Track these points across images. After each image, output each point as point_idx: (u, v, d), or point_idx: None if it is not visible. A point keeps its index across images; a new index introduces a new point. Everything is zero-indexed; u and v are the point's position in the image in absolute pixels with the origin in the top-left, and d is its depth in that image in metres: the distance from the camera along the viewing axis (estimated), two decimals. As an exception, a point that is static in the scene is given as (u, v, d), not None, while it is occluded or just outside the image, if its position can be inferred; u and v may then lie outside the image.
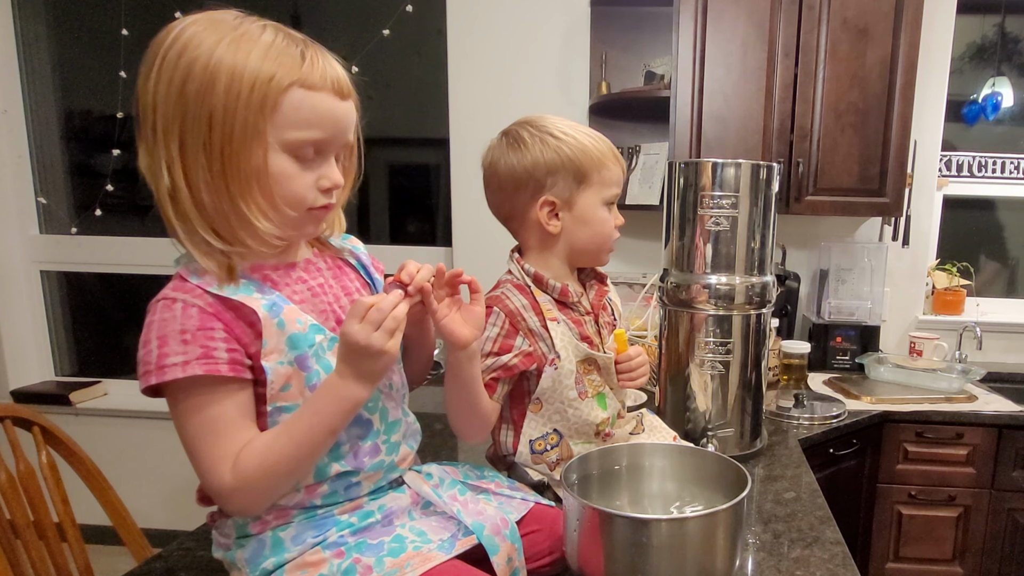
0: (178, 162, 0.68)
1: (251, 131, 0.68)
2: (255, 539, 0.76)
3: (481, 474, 0.94)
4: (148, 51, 0.69)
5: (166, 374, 0.67)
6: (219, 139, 0.67)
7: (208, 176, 0.68)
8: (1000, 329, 2.47)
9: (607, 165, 0.97)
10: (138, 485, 2.27)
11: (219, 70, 0.66)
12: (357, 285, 0.85)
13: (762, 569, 0.99)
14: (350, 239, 0.90)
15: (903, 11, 1.97)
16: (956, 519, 1.95)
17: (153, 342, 0.68)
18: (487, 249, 1.13)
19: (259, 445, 0.70)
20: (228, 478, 0.69)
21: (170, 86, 0.67)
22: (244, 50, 0.68)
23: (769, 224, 1.34)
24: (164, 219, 0.71)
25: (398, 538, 0.76)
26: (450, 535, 0.79)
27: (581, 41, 2.37)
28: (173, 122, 0.67)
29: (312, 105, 0.70)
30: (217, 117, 0.67)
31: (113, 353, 2.89)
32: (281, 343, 0.72)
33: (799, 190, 2.07)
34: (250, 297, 0.71)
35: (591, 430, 1.02)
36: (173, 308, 0.69)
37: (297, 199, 0.72)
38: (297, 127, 0.70)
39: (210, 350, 0.68)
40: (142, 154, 0.70)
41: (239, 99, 0.67)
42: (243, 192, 0.69)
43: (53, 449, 1.23)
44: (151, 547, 1.23)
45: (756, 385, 1.41)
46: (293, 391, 0.73)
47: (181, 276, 0.72)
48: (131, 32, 2.49)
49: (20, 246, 2.72)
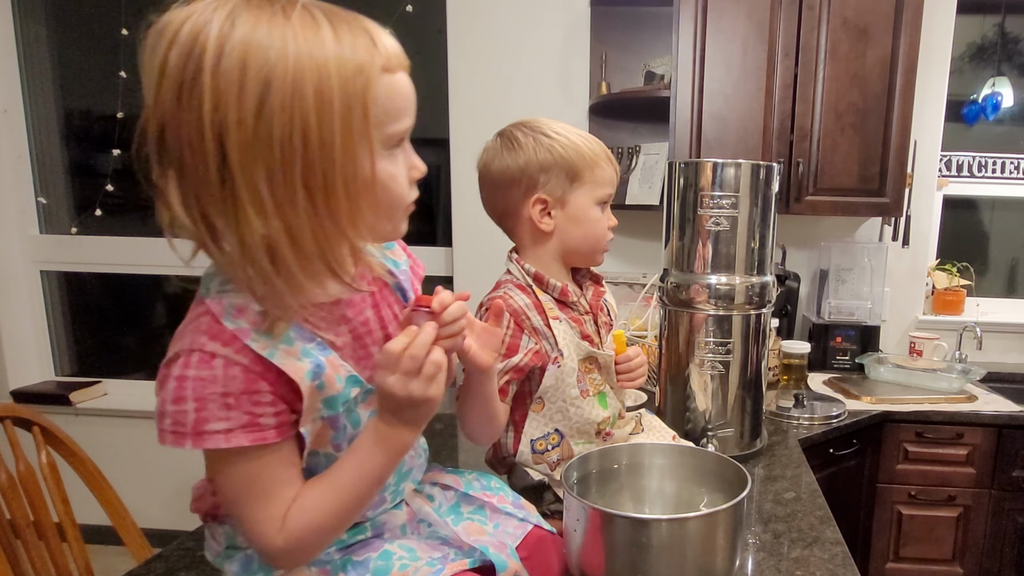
0: (270, 201, 0.54)
1: (356, 137, 0.56)
2: (243, 553, 0.72)
3: (487, 484, 0.88)
4: (167, 66, 0.52)
5: (206, 441, 0.58)
6: (319, 158, 0.55)
7: (310, 208, 0.56)
8: (1000, 329, 2.47)
9: (600, 165, 0.98)
10: (138, 485, 2.27)
11: (302, 72, 0.53)
12: (394, 313, 0.75)
13: (762, 569, 0.99)
14: (392, 248, 0.79)
15: (903, 11, 1.97)
16: (956, 519, 1.95)
17: (189, 402, 0.58)
18: (487, 249, 1.13)
19: (307, 504, 0.64)
20: (279, 541, 0.64)
21: (241, 106, 0.52)
22: (317, 40, 0.54)
23: (769, 224, 1.34)
24: (243, 276, 0.57)
25: (385, 554, 0.71)
26: (441, 555, 0.74)
27: (581, 41, 2.37)
28: (253, 150, 0.53)
29: (397, 90, 0.61)
30: (312, 132, 0.54)
31: (113, 353, 2.89)
32: (316, 403, 0.65)
33: (799, 190, 2.07)
34: (292, 354, 0.62)
35: (592, 429, 1.02)
36: (212, 365, 0.58)
37: (401, 200, 0.64)
38: (393, 119, 0.60)
39: (256, 417, 0.60)
40: (181, 202, 0.55)
41: (333, 103, 0.54)
42: (352, 214, 0.58)
43: (53, 449, 1.23)
44: (151, 547, 1.23)
45: (756, 385, 1.41)
46: (320, 440, 0.68)
47: (213, 315, 0.60)
48: (131, 32, 2.49)
49: (20, 246, 2.72)
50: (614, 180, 1.00)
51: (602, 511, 0.77)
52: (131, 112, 2.56)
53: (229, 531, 0.74)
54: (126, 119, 2.57)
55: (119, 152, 2.61)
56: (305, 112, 0.53)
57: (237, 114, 0.52)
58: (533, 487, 1.01)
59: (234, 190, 0.54)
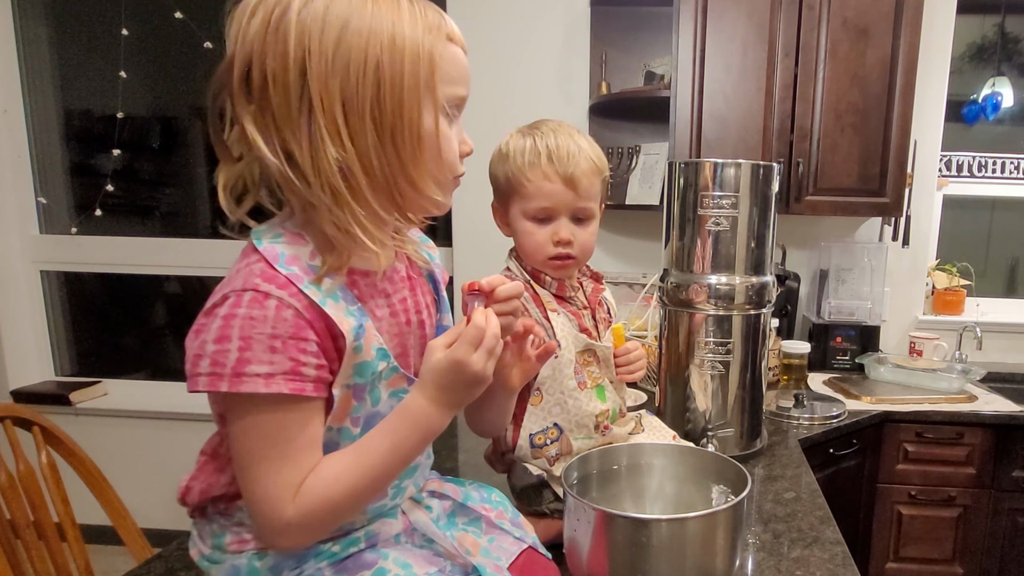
0: (344, 128, 0.59)
1: (424, 88, 0.62)
2: (230, 562, 0.69)
3: (486, 497, 0.86)
4: (257, 8, 0.59)
5: (244, 384, 0.58)
6: (390, 98, 0.60)
7: (377, 141, 0.61)
8: (1000, 329, 2.47)
9: (525, 176, 0.95)
10: (138, 485, 2.26)
11: (380, 19, 0.59)
12: (428, 301, 0.77)
13: (762, 569, 0.99)
14: (428, 243, 0.82)
15: (903, 11, 1.97)
16: (956, 519, 1.95)
17: (234, 341, 0.57)
18: (487, 249, 1.14)
19: (327, 475, 0.62)
20: (289, 511, 0.61)
21: (323, 37, 0.58)
22: (391, 1, 0.61)
23: (769, 224, 1.34)
24: (317, 201, 0.61)
25: (379, 572, 0.68)
26: (437, 569, 0.71)
27: (581, 41, 2.37)
28: (332, 79, 0.58)
29: (460, 59, 0.67)
30: (385, 72, 0.59)
31: (113, 353, 2.89)
32: (349, 367, 0.64)
33: (799, 190, 2.07)
34: (342, 314, 0.63)
35: (591, 423, 1.02)
36: (265, 305, 0.59)
37: (453, 164, 0.68)
38: (453, 83, 0.66)
39: (299, 365, 0.59)
40: (259, 131, 0.60)
41: (406, 54, 0.60)
42: (414, 158, 0.63)
43: (53, 449, 1.23)
44: (151, 547, 1.23)
45: (756, 385, 1.41)
46: (337, 413, 0.66)
47: (266, 260, 0.61)
48: (131, 32, 2.48)
49: (20, 246, 2.72)
50: (553, 193, 0.95)
51: (602, 511, 0.77)
52: (131, 112, 2.57)
53: (217, 530, 0.71)
54: (126, 119, 2.57)
55: (119, 152, 2.61)
56: (378, 52, 0.59)
57: (319, 47, 0.57)
58: (533, 485, 1.01)
59: (312, 117, 0.59)
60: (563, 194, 0.96)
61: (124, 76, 2.50)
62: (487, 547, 0.79)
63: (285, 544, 0.65)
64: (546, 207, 0.97)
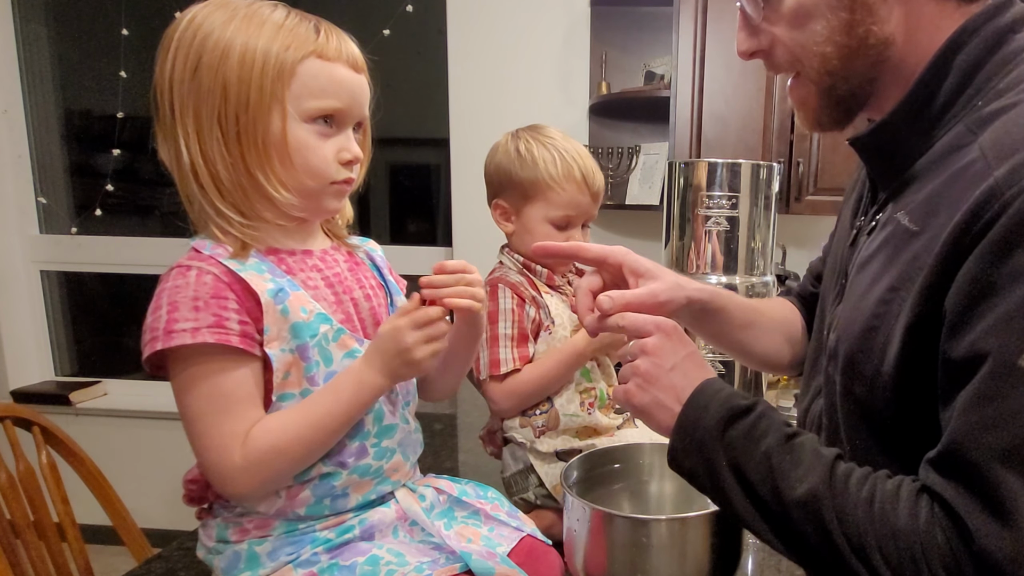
0: (194, 137, 0.69)
1: (268, 99, 0.69)
2: (232, 550, 0.74)
3: (482, 494, 0.88)
4: (162, 40, 0.70)
5: (173, 339, 0.65)
6: (234, 109, 0.68)
7: (223, 148, 0.69)
8: (1000, 329, 2.46)
9: (561, 188, 1.01)
10: (138, 485, 2.27)
11: (233, 43, 0.68)
12: (373, 283, 0.84)
13: (762, 569, 0.99)
14: (369, 242, 0.89)
15: (903, 11, 1.97)
16: (956, 519, 1.95)
17: (163, 308, 0.67)
18: (487, 249, 1.14)
19: (273, 424, 0.69)
20: (237, 457, 0.67)
21: (185, 64, 0.68)
22: (256, 24, 0.69)
23: (769, 224, 1.34)
24: (184, 200, 0.72)
25: (372, 559, 0.72)
26: (430, 560, 0.74)
27: (581, 41, 2.37)
28: (188, 98, 0.68)
29: (329, 74, 0.71)
30: (232, 87, 0.68)
31: (113, 353, 2.89)
32: (284, 331, 0.70)
33: (799, 190, 2.07)
34: (259, 277, 0.70)
35: (576, 399, 1.06)
36: (187, 275, 0.68)
37: (319, 171, 0.73)
38: (315, 96, 0.71)
39: (222, 319, 0.67)
40: (160, 140, 0.71)
41: (253, 68, 0.68)
42: (260, 163, 0.70)
43: (53, 449, 1.23)
44: (151, 547, 1.23)
45: (756, 385, 1.41)
46: (292, 380, 0.72)
47: (195, 248, 0.71)
48: (131, 32, 2.49)
49: (20, 246, 2.72)
50: (580, 204, 1.03)
51: (602, 511, 0.77)
52: (131, 112, 2.57)
53: (220, 524, 0.75)
54: (126, 119, 2.57)
55: (119, 152, 2.61)
56: (228, 72, 0.68)
57: (181, 72, 0.68)
58: (520, 471, 1.03)
59: (173, 130, 0.70)
60: (589, 206, 1.05)
61: (124, 76, 2.51)
62: (487, 535, 0.81)
63: (238, 490, 0.70)
64: (571, 216, 1.04)
